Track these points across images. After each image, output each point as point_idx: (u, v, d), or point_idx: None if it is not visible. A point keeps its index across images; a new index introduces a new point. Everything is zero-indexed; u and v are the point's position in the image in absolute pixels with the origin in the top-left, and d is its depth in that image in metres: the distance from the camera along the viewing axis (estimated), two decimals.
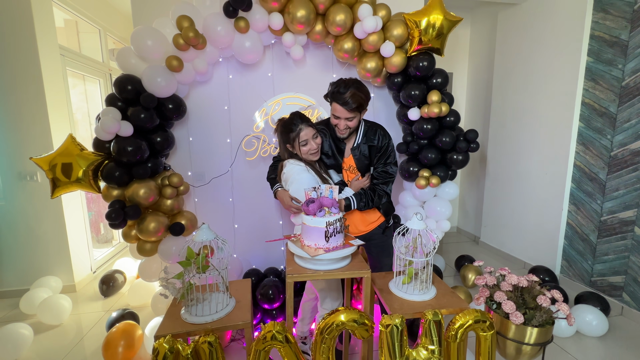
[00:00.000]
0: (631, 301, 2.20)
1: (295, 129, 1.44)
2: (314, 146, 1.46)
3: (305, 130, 1.43)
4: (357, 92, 1.39)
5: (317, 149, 1.48)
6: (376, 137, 1.54)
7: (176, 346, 0.94)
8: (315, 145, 1.47)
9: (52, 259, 2.64)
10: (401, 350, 1.00)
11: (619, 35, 2.20)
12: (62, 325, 2.24)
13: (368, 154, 1.55)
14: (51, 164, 1.67)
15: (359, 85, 1.43)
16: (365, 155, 1.55)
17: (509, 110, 3.11)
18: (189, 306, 1.07)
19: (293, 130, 1.45)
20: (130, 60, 1.75)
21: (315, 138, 1.47)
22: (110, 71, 3.54)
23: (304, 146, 1.45)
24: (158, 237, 1.87)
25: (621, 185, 2.23)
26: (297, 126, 1.44)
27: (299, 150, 1.46)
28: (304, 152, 1.46)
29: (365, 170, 1.58)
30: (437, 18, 1.82)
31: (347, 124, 1.45)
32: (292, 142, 1.47)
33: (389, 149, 1.54)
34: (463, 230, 4.03)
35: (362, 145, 1.55)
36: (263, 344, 0.99)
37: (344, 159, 1.58)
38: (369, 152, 1.55)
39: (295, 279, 1.07)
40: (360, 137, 1.55)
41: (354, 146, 1.55)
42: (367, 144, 1.54)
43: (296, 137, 1.44)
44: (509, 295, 1.19)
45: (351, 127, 1.48)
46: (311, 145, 1.45)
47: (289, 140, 1.48)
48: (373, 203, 1.53)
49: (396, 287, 1.22)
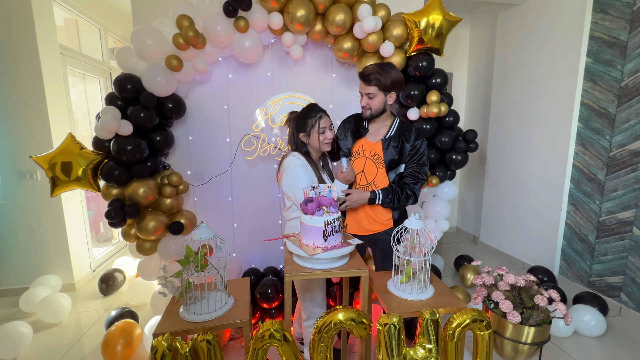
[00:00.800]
0: (629, 301, 2.20)
1: (316, 115, 1.47)
2: (330, 136, 1.49)
3: (325, 118, 1.47)
4: (378, 69, 1.44)
5: (331, 139, 1.51)
6: (412, 135, 1.52)
7: (174, 344, 0.95)
8: (331, 135, 1.50)
9: (51, 258, 2.64)
10: (399, 349, 1.00)
11: (618, 36, 2.20)
12: (61, 324, 2.25)
13: (399, 148, 1.51)
14: (51, 163, 1.68)
15: (384, 65, 1.48)
16: (396, 148, 1.51)
17: (508, 111, 3.11)
18: (187, 304, 1.08)
19: (313, 116, 1.47)
20: (130, 59, 1.76)
21: (331, 129, 1.50)
22: (110, 70, 3.54)
23: (322, 134, 1.47)
24: (157, 236, 1.88)
25: (620, 186, 2.23)
26: (318, 113, 1.48)
27: (316, 137, 1.47)
28: (320, 140, 1.48)
29: (390, 166, 1.53)
30: (437, 18, 1.82)
31: (367, 101, 1.48)
32: (308, 129, 1.48)
33: (422, 149, 1.52)
34: (462, 231, 4.04)
35: (394, 138, 1.52)
36: (261, 342, 0.99)
37: (366, 141, 1.56)
38: (401, 148, 1.51)
39: (293, 278, 1.07)
40: (393, 130, 1.53)
41: (386, 137, 1.53)
42: (401, 139, 1.52)
43: (316, 123, 1.46)
44: (507, 295, 1.20)
45: (372, 107, 1.48)
46: (327, 134, 1.48)
47: (305, 127, 1.48)
48: (399, 202, 1.50)
49: (394, 286, 1.23)
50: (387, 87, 1.45)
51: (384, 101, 1.49)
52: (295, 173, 1.43)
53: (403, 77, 1.51)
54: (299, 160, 1.48)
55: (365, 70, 1.48)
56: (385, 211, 1.57)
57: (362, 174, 1.57)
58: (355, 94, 2.27)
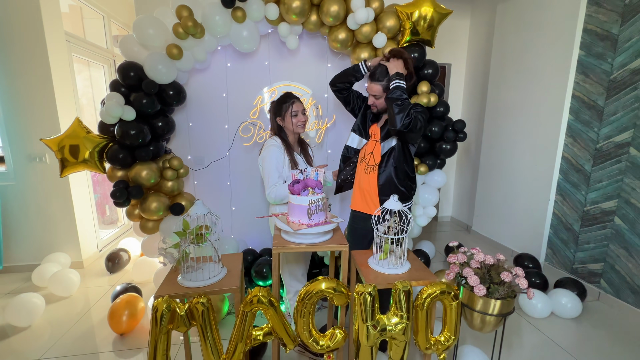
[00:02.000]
0: (608, 287, 2.30)
1: (289, 101, 1.67)
2: (302, 119, 1.69)
3: (297, 104, 1.68)
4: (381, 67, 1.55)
5: (304, 121, 1.69)
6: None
7: (173, 305, 1.07)
8: (303, 118, 1.69)
9: (61, 237, 2.79)
10: (372, 315, 1.12)
11: (610, 29, 2.24)
12: (71, 297, 2.41)
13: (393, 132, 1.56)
14: (60, 146, 1.79)
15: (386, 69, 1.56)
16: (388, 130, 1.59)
17: (503, 102, 3.16)
18: (184, 273, 1.20)
19: (287, 102, 1.67)
20: (133, 47, 1.84)
21: (303, 114, 1.69)
22: (114, 57, 3.62)
23: (295, 117, 1.66)
24: (160, 216, 2.00)
25: (604, 177, 2.31)
26: (291, 99, 1.68)
27: (290, 120, 1.66)
28: (294, 123, 1.66)
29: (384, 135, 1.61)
30: (428, 10, 1.88)
31: (374, 100, 1.61)
32: (283, 113, 1.67)
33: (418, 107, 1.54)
34: (456, 220, 4.14)
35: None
36: (250, 307, 1.12)
37: (376, 127, 1.69)
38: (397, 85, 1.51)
39: (280, 251, 1.19)
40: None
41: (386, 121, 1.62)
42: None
43: (289, 107, 1.65)
44: (476, 272, 1.30)
45: (378, 106, 1.62)
46: (300, 117, 1.68)
47: (281, 111, 1.68)
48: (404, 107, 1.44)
49: (374, 262, 1.34)
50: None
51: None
52: (267, 152, 1.64)
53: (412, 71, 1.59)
54: (274, 141, 1.67)
55: (375, 71, 1.56)
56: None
57: (372, 155, 1.66)
58: None
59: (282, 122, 1.70)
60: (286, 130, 1.72)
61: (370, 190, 1.65)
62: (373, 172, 1.63)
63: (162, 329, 1.06)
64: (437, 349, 1.23)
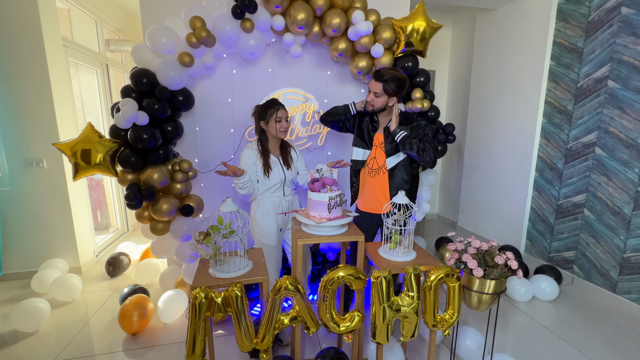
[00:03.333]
0: (580, 272, 2.58)
1: (275, 107, 1.78)
2: (285, 125, 1.80)
3: (282, 111, 1.79)
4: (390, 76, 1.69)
5: (286, 128, 1.81)
6: (406, 122, 1.80)
7: (210, 294, 1.17)
8: (286, 125, 1.80)
9: (58, 243, 2.76)
10: (388, 296, 1.27)
11: (576, 43, 2.53)
12: (74, 302, 2.41)
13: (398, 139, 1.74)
14: (73, 150, 1.83)
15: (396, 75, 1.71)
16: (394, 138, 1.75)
17: (484, 106, 3.44)
18: (215, 266, 1.30)
19: (272, 107, 1.78)
20: (144, 55, 1.91)
21: (286, 121, 1.81)
22: (106, 61, 3.60)
23: (278, 122, 1.77)
24: (170, 217, 2.07)
25: (574, 174, 2.59)
26: (277, 105, 1.79)
27: (274, 125, 1.77)
28: (277, 128, 1.77)
29: (391, 151, 1.78)
30: (421, 24, 2.07)
31: (372, 97, 1.74)
32: (268, 118, 1.78)
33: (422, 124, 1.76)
34: (442, 217, 4.39)
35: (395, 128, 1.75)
36: (279, 294, 1.23)
37: (377, 134, 1.84)
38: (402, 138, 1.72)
39: (304, 242, 1.31)
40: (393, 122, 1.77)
41: (387, 126, 1.81)
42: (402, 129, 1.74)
43: (274, 113, 1.76)
44: (474, 257, 1.48)
45: (374, 105, 1.75)
46: (283, 124, 1.79)
47: (265, 116, 1.78)
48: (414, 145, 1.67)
49: (384, 252, 1.49)
50: (390, 92, 1.73)
51: (386, 102, 1.76)
52: (243, 153, 1.82)
53: (406, 83, 1.77)
54: (251, 144, 1.83)
55: (380, 70, 1.74)
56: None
57: (374, 160, 1.85)
58: (348, 90, 2.51)
59: (265, 126, 1.80)
60: (268, 135, 1.83)
61: (382, 191, 1.82)
62: (379, 175, 1.81)
63: (200, 316, 1.16)
64: (442, 325, 1.40)
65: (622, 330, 2.05)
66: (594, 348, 1.89)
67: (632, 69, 2.17)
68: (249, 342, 1.23)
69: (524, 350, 1.87)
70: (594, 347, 1.89)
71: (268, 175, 1.81)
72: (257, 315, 2.04)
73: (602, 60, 2.35)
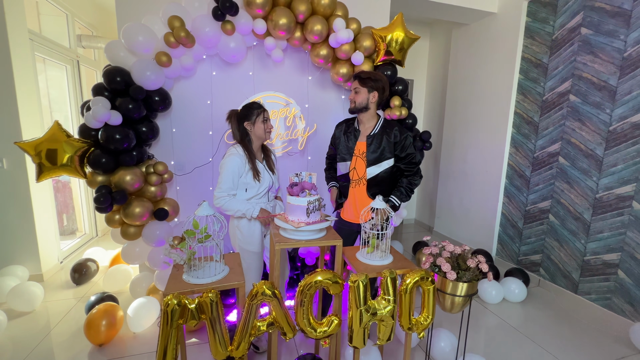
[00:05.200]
0: (546, 274, 2.72)
1: (260, 107, 1.72)
2: (271, 125, 1.76)
3: (267, 111, 1.75)
4: (367, 72, 1.77)
5: (271, 129, 1.77)
6: (393, 131, 1.77)
7: (183, 301, 1.13)
8: (271, 125, 1.77)
9: (18, 249, 2.58)
10: (365, 300, 1.28)
11: (542, 59, 2.70)
12: (34, 312, 2.24)
13: (384, 145, 1.75)
14: (37, 150, 1.72)
15: (374, 72, 1.82)
16: (379, 144, 1.76)
17: (458, 116, 3.58)
18: (190, 271, 1.26)
19: (257, 108, 1.72)
20: (119, 53, 1.85)
21: (270, 121, 1.78)
22: (77, 57, 3.44)
23: (266, 122, 1.72)
24: (142, 221, 1.99)
25: (541, 181, 2.74)
26: (262, 106, 1.74)
27: (261, 126, 1.71)
28: (264, 129, 1.72)
29: (374, 160, 1.76)
30: (399, 35, 2.14)
31: (353, 95, 1.77)
32: (254, 118, 1.70)
33: (407, 141, 1.78)
34: (419, 222, 4.50)
35: (377, 135, 1.77)
36: (255, 299, 1.21)
37: (358, 142, 1.81)
38: (386, 144, 1.75)
39: (282, 247, 1.30)
40: (377, 128, 1.79)
41: (370, 134, 1.78)
42: (384, 135, 1.76)
43: (261, 113, 1.71)
44: (447, 260, 1.53)
45: (356, 101, 1.77)
46: (269, 124, 1.75)
47: (251, 116, 1.70)
48: (412, 192, 1.82)
49: (362, 256, 1.51)
50: (369, 86, 1.74)
51: (367, 98, 1.76)
52: (228, 160, 1.66)
53: (386, 83, 1.81)
54: (236, 150, 1.69)
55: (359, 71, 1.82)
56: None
57: (354, 170, 1.83)
58: (329, 96, 2.54)
59: (250, 127, 1.71)
60: (252, 136, 1.73)
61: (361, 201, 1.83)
62: (359, 186, 1.83)
63: (172, 324, 1.12)
64: (417, 328, 1.43)
65: (582, 330, 2.18)
66: (558, 347, 1.99)
67: (590, 84, 2.35)
68: (224, 349, 1.20)
69: (495, 350, 1.94)
70: (559, 346, 2.00)
71: (259, 179, 1.70)
72: (233, 322, 1.99)
73: (564, 76, 2.52)
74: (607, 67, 2.24)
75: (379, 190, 1.81)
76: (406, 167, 1.81)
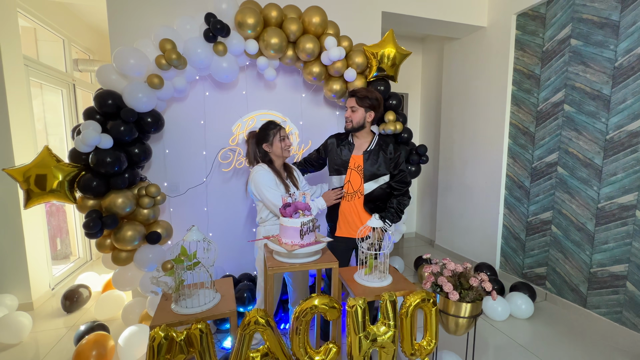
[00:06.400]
0: (552, 288, 2.64)
1: (276, 127, 1.72)
2: (289, 142, 1.75)
3: (283, 129, 1.74)
4: (363, 90, 1.78)
5: (290, 145, 1.76)
6: (389, 148, 1.80)
7: (170, 333, 1.07)
8: (289, 142, 1.75)
9: (7, 276, 2.50)
10: (364, 326, 1.21)
11: (534, 70, 2.72)
12: (21, 344, 2.15)
13: (378, 160, 1.77)
14: (26, 176, 1.69)
15: (369, 89, 1.82)
16: (375, 161, 1.77)
17: (454, 128, 3.58)
18: (179, 301, 1.20)
19: (273, 128, 1.71)
20: (111, 76, 1.84)
21: (288, 138, 1.76)
22: (73, 81, 3.47)
23: (283, 140, 1.71)
24: (134, 245, 1.93)
25: (540, 192, 2.70)
26: (277, 125, 1.73)
27: (278, 145, 1.71)
28: (282, 147, 1.71)
29: (370, 175, 1.77)
30: (391, 51, 2.15)
31: (350, 113, 1.76)
32: (271, 139, 1.71)
33: (400, 159, 1.81)
34: (420, 235, 4.43)
35: (374, 151, 1.79)
36: (248, 328, 1.15)
37: (353, 155, 1.80)
38: (382, 160, 1.77)
39: (275, 272, 1.24)
40: (373, 144, 1.81)
41: (367, 150, 1.80)
42: (380, 152, 1.79)
43: (277, 132, 1.71)
44: (449, 280, 1.47)
45: (353, 120, 1.76)
46: (287, 141, 1.73)
47: (268, 137, 1.71)
48: (402, 213, 1.82)
49: (360, 277, 1.45)
50: (365, 105, 1.75)
51: (364, 117, 1.77)
52: (259, 175, 1.65)
53: (381, 100, 1.82)
54: (262, 167, 1.69)
55: (354, 89, 1.81)
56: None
57: (349, 183, 1.81)
58: (323, 113, 2.54)
59: (269, 148, 1.72)
60: (273, 156, 1.74)
61: (358, 215, 1.79)
62: (354, 200, 1.79)
63: (159, 359, 1.05)
64: (420, 353, 1.35)
65: (594, 346, 2.08)
66: None
67: (584, 94, 2.35)
68: None
69: None
70: None
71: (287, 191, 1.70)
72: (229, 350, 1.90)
73: (557, 86, 2.53)
74: (600, 76, 2.25)
75: (374, 206, 1.79)
76: (397, 185, 1.81)
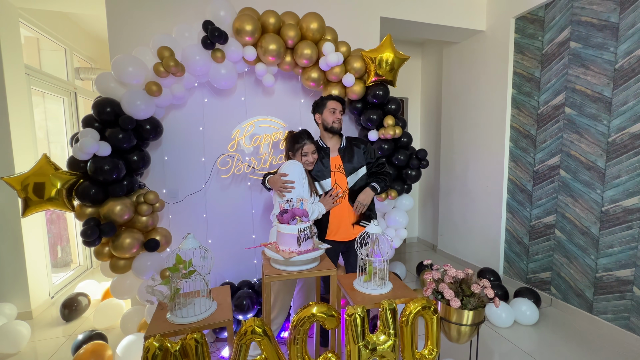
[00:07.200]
0: (557, 293, 2.59)
1: (302, 142, 1.78)
2: (311, 159, 1.81)
3: (308, 145, 1.80)
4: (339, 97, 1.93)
5: (312, 162, 1.82)
6: (358, 142, 1.94)
7: (165, 344, 1.05)
8: (312, 159, 1.82)
9: (6, 285, 2.49)
10: (363, 335, 1.19)
11: (533, 73, 2.71)
12: (20, 354, 2.13)
13: (353, 155, 1.88)
14: (23, 184, 1.69)
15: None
16: (351, 155, 1.88)
17: (455, 133, 3.56)
18: (174, 310, 1.18)
19: (299, 142, 1.79)
20: (109, 84, 1.85)
21: (313, 154, 1.81)
22: (75, 90, 3.49)
23: (304, 157, 1.78)
24: (132, 253, 1.91)
25: (543, 195, 2.67)
26: (304, 140, 1.79)
27: (299, 159, 1.80)
28: (303, 161, 1.80)
29: (351, 170, 1.86)
30: (389, 56, 2.15)
31: (339, 116, 1.86)
32: (295, 151, 1.80)
33: (372, 148, 1.96)
34: (423, 240, 4.38)
35: (347, 148, 1.90)
36: (244, 338, 1.13)
37: (331, 158, 1.87)
38: (356, 153, 1.89)
39: (272, 280, 1.22)
40: (344, 142, 1.92)
41: (340, 147, 1.90)
42: (354, 147, 1.90)
43: (300, 148, 1.78)
44: (450, 286, 1.44)
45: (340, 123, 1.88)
46: (308, 157, 1.80)
47: (293, 148, 1.82)
48: (389, 182, 1.96)
49: (359, 284, 1.42)
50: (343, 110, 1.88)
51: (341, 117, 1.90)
52: (288, 164, 1.77)
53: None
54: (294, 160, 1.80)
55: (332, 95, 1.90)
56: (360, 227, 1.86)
57: (337, 185, 1.84)
58: None
59: (293, 157, 1.83)
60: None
61: (348, 213, 1.79)
62: (344, 199, 1.82)
63: None
64: None
65: (601, 353, 2.03)
66: None
67: (585, 96, 2.33)
68: None
69: None
70: None
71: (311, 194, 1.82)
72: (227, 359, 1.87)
73: (557, 89, 2.51)
74: (600, 78, 2.23)
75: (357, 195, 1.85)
76: (377, 169, 1.94)
